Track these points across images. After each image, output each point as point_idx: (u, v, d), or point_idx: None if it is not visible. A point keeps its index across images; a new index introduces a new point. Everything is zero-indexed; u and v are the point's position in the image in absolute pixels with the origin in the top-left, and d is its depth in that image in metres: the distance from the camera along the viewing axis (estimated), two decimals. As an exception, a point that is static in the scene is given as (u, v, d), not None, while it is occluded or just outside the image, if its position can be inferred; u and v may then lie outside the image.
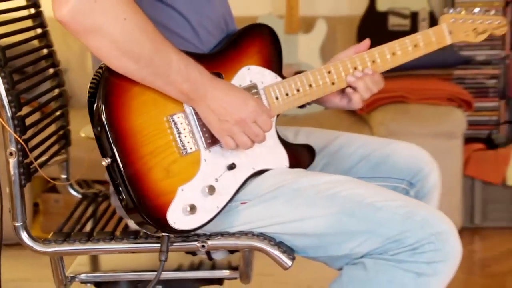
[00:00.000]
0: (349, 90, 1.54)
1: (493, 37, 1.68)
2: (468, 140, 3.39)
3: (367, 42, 1.56)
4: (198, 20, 1.44)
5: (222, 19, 1.50)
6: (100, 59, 1.29)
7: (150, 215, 1.31)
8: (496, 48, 3.67)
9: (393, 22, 3.63)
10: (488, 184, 3.30)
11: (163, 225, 1.33)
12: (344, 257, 1.38)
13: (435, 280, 1.33)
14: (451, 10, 1.59)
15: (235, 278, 1.54)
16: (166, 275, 1.52)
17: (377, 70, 1.55)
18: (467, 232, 3.24)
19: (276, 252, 1.41)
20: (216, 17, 1.48)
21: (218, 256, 1.53)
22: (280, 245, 1.42)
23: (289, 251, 1.43)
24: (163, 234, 1.36)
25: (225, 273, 1.54)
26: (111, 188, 1.52)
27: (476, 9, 1.60)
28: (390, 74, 3.33)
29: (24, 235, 1.45)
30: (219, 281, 1.58)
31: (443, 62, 3.45)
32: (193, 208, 1.33)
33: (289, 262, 1.41)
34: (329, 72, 1.52)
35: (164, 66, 1.30)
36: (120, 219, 1.62)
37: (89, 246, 1.47)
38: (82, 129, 2.74)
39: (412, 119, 3.14)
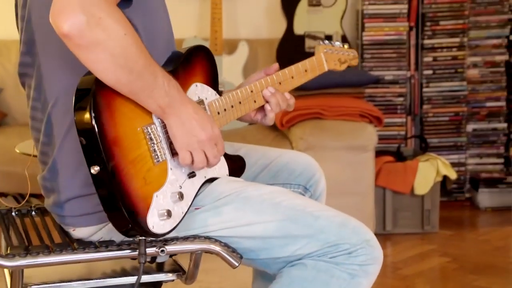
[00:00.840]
0: (267, 107, 1.64)
1: (398, 59, 1.79)
2: (379, 153, 3.47)
3: (276, 66, 1.68)
4: (150, 38, 1.46)
5: (167, 39, 1.55)
6: (94, 72, 1.30)
7: (133, 219, 1.34)
8: (403, 69, 3.78)
9: (309, 44, 3.70)
10: (397, 194, 3.38)
11: (144, 228, 1.36)
12: (285, 258, 1.46)
13: (365, 281, 1.45)
14: (321, 42, 1.75)
15: (172, 280, 1.59)
16: (114, 281, 1.54)
17: (284, 90, 1.67)
18: (379, 238, 3.23)
19: (227, 253, 1.48)
20: (163, 38, 1.53)
21: (161, 259, 1.55)
22: (228, 246, 1.49)
23: (237, 252, 1.49)
24: (140, 238, 1.39)
25: (170, 275, 1.57)
26: (48, 201, 1.54)
27: (337, 43, 1.78)
28: (308, 93, 3.45)
29: None
30: (158, 284, 1.61)
31: (355, 82, 3.52)
32: (168, 213, 1.38)
33: (238, 261, 1.48)
34: (251, 91, 1.62)
35: (151, 81, 1.33)
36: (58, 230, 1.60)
37: (53, 257, 1.44)
38: (17, 146, 2.70)
39: (328, 134, 3.20)
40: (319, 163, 3.10)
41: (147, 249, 1.44)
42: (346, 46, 1.81)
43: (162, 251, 1.45)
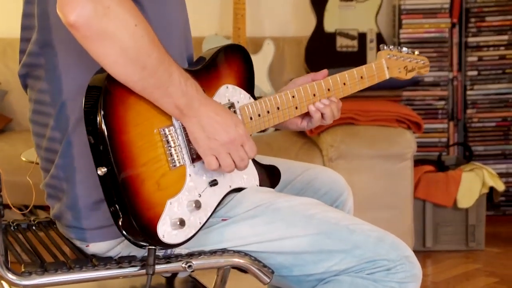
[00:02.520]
0: (318, 119, 1.65)
1: (439, 58, 1.79)
2: (418, 162, 3.48)
3: (325, 72, 1.68)
4: (163, 27, 1.48)
5: (182, 29, 1.56)
6: (104, 66, 1.32)
7: (141, 226, 1.35)
8: (444, 70, 3.77)
9: (341, 43, 3.69)
10: (439, 207, 3.39)
11: (153, 237, 1.37)
12: (319, 275, 1.48)
13: None
14: (385, 47, 1.74)
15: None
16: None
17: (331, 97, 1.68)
18: (419, 255, 3.22)
19: (257, 268, 1.49)
20: (177, 27, 1.54)
21: (182, 274, 1.57)
22: (259, 261, 1.51)
23: (268, 267, 1.51)
24: (149, 247, 1.40)
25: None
26: (57, 210, 1.54)
27: (404, 49, 1.78)
28: (339, 96, 3.40)
29: (5, 269, 1.42)
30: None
31: (391, 83, 3.50)
32: (181, 222, 1.39)
33: (269, 277, 1.50)
34: (293, 97, 1.63)
35: (166, 78, 1.35)
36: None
37: (73, 275, 1.45)
38: (23, 153, 2.72)
39: (361, 141, 3.21)
40: (351, 173, 3.12)
41: (172, 265, 1.45)
42: (416, 52, 1.81)
43: (189, 266, 1.46)
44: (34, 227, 1.75)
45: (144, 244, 1.39)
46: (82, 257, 1.52)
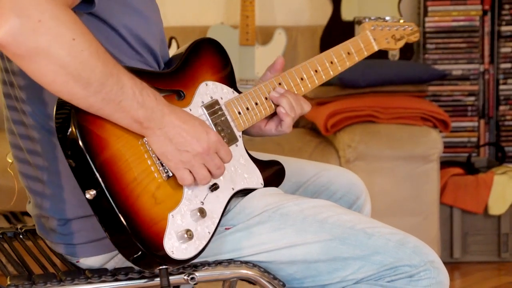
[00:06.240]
0: (280, 110, 1.63)
1: (469, 50, 1.80)
2: (445, 164, 3.48)
3: (280, 60, 1.68)
4: (137, 40, 1.50)
5: (159, 40, 1.57)
6: (43, 85, 1.31)
7: (147, 246, 1.35)
8: (474, 62, 3.75)
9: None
10: (468, 214, 3.39)
11: (161, 255, 1.37)
12: (335, 285, 1.50)
13: None
14: (367, 19, 1.80)
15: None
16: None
17: (320, 80, 1.70)
18: (446, 267, 3.24)
19: (267, 280, 1.50)
20: (153, 39, 1.55)
21: (186, 287, 1.60)
22: (268, 272, 1.52)
23: (278, 279, 1.52)
24: (161, 267, 1.40)
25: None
26: (44, 226, 1.55)
27: (388, 17, 1.84)
28: (358, 91, 3.43)
29: None
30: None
31: (416, 77, 3.51)
32: (189, 234, 1.39)
33: None
34: (279, 84, 1.65)
35: (116, 91, 1.33)
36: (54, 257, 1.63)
37: None
38: (9, 154, 2.72)
39: (382, 141, 3.21)
40: (371, 176, 3.12)
41: (173, 277, 1.45)
42: (401, 20, 1.85)
43: (192, 278, 1.46)
44: (21, 236, 1.74)
45: (154, 264, 1.39)
46: (74, 268, 1.53)
